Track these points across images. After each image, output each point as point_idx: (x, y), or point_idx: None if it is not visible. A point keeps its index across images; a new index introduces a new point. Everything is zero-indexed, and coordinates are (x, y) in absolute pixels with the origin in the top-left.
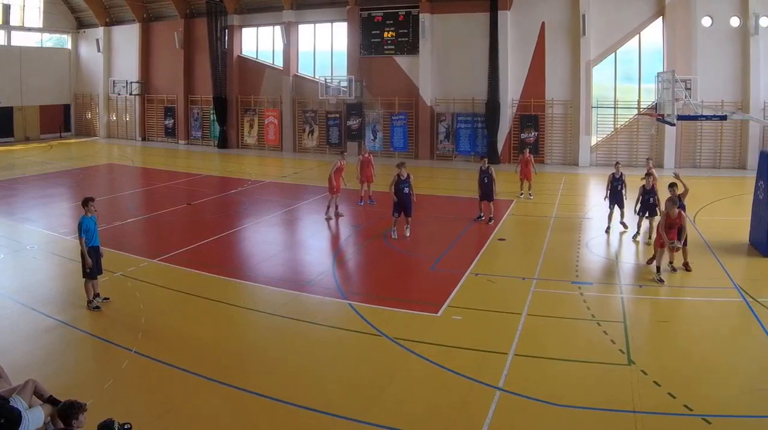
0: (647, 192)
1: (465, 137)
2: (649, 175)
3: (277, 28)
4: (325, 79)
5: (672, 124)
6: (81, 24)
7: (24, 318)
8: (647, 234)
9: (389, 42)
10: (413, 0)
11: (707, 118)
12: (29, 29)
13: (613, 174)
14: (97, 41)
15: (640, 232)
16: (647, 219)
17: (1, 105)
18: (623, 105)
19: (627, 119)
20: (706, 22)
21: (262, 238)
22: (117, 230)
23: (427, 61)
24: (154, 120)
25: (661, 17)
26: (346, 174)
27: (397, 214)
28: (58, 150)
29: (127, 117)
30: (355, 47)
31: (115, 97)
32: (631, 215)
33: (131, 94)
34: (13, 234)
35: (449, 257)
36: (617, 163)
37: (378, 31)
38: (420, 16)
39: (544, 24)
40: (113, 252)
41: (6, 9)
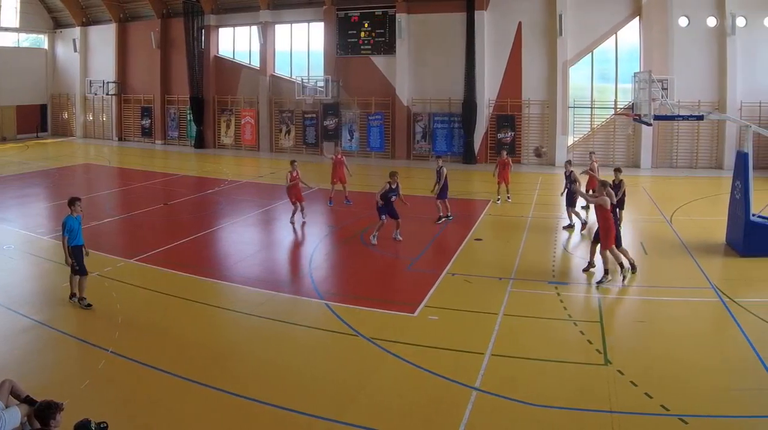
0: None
1: (442, 137)
2: (591, 171)
3: (254, 28)
4: (302, 79)
5: (649, 124)
6: (58, 24)
7: (0, 318)
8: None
9: (366, 42)
10: (390, 0)
11: (684, 118)
12: (5, 29)
13: (564, 172)
14: (74, 41)
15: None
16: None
17: None
18: (600, 105)
19: (604, 119)
20: (682, 22)
21: (238, 238)
22: (94, 229)
23: (404, 61)
24: (130, 120)
25: (638, 17)
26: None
27: (384, 217)
28: (34, 150)
29: (104, 117)
30: (332, 47)
31: (92, 97)
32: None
33: (108, 94)
34: None
35: (426, 257)
36: (568, 162)
37: (354, 31)
38: (396, 16)
39: (520, 24)
40: (90, 252)
41: None
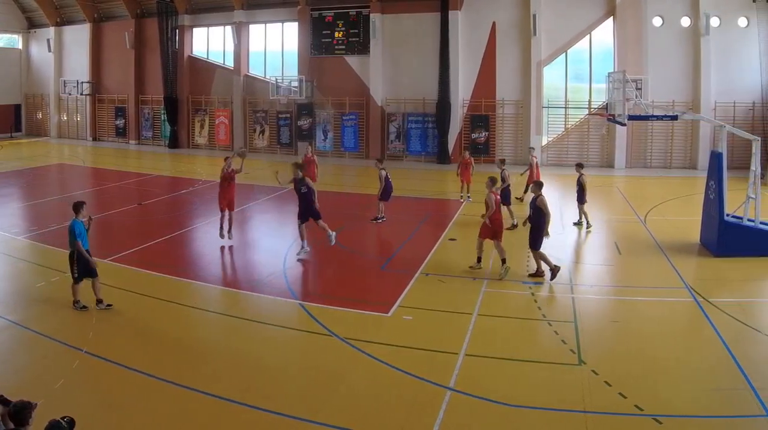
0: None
1: (416, 137)
2: (531, 166)
3: (228, 28)
4: (276, 79)
5: (623, 124)
6: (32, 24)
7: None
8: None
9: (340, 42)
10: (364, 0)
11: (658, 118)
12: None
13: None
14: (48, 41)
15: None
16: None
17: None
18: (574, 105)
19: (578, 119)
20: (656, 22)
21: (212, 238)
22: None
23: (378, 62)
24: (104, 120)
25: (612, 17)
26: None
27: (301, 220)
28: (8, 150)
29: (78, 117)
30: (306, 47)
31: (66, 97)
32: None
33: (82, 94)
34: None
35: (400, 257)
36: (501, 161)
37: (329, 31)
38: (371, 16)
39: (494, 24)
40: (64, 252)
41: None
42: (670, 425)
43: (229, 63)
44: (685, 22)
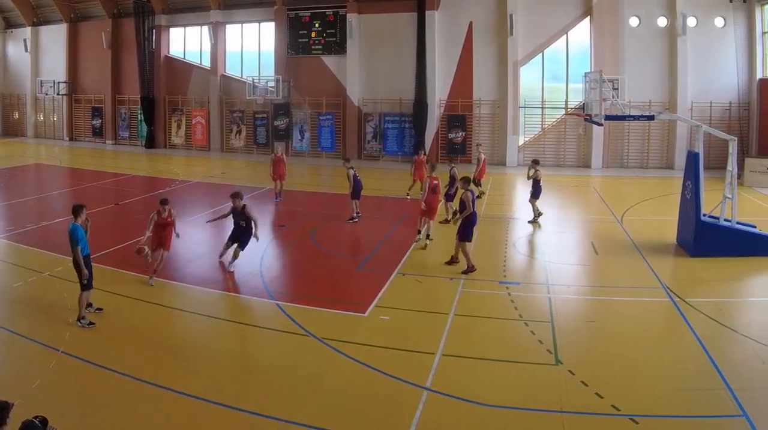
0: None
1: (392, 137)
2: (478, 162)
3: (205, 28)
4: (253, 79)
5: (599, 124)
6: (8, 24)
7: None
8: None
9: (317, 42)
10: (341, 0)
11: (635, 118)
12: None
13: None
14: (25, 41)
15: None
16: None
17: None
18: (551, 105)
19: (554, 119)
20: (633, 22)
21: (189, 238)
22: (44, 229)
23: (355, 61)
24: (81, 120)
25: (589, 17)
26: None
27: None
28: None
29: (55, 117)
30: (283, 47)
31: (43, 97)
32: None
33: (59, 94)
34: None
35: (376, 257)
36: (449, 159)
37: (305, 31)
38: (347, 16)
39: (471, 24)
40: (41, 252)
41: None
42: (646, 425)
43: (206, 63)
44: (662, 22)
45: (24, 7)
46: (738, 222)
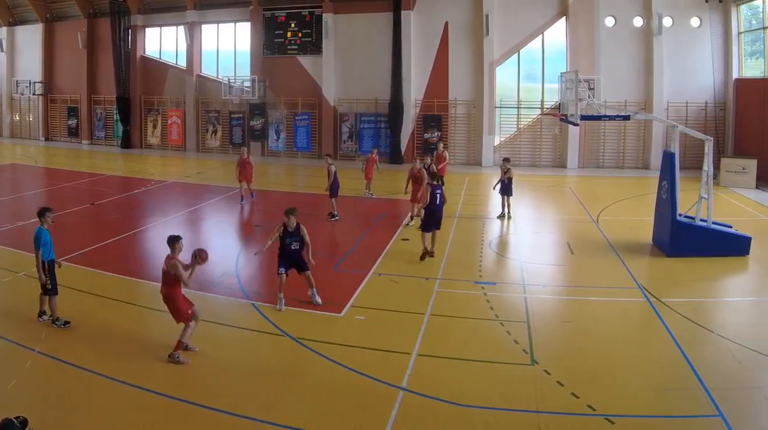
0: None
1: (368, 137)
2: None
3: (181, 28)
4: (228, 79)
5: (575, 124)
6: None
7: None
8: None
9: (292, 42)
10: (316, 0)
11: (610, 118)
12: None
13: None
14: (0, 41)
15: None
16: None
17: None
18: (526, 105)
19: (530, 119)
20: (609, 22)
21: (165, 238)
22: (20, 230)
23: (330, 61)
24: (57, 120)
25: (565, 17)
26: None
27: (284, 269)
28: None
29: (31, 117)
30: (259, 47)
31: (19, 97)
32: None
33: (34, 94)
34: None
35: (352, 257)
36: (427, 156)
37: (281, 31)
38: (323, 16)
39: (447, 24)
40: (16, 252)
41: None
42: (622, 425)
43: (182, 63)
44: (638, 22)
45: None
46: (714, 222)
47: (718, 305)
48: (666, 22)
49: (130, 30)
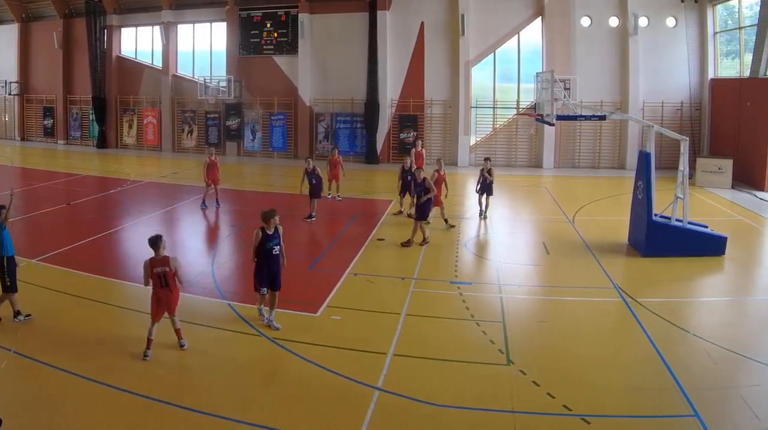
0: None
1: (344, 137)
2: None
3: (156, 28)
4: (204, 79)
5: (551, 124)
6: None
7: None
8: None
9: (268, 42)
10: (292, 0)
11: (586, 118)
12: None
13: (402, 166)
14: None
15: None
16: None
17: None
18: (502, 105)
19: (506, 119)
20: (585, 22)
21: (141, 238)
22: None
23: (306, 61)
24: (33, 120)
25: (540, 17)
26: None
27: (264, 287)
28: None
29: (6, 117)
30: (234, 47)
31: None
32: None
33: (10, 94)
34: None
35: (328, 257)
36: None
37: (257, 31)
38: (299, 16)
39: (423, 24)
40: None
41: None
42: (598, 425)
43: (158, 63)
44: (614, 22)
45: None
46: (690, 222)
47: (693, 305)
48: (642, 22)
49: (105, 30)
